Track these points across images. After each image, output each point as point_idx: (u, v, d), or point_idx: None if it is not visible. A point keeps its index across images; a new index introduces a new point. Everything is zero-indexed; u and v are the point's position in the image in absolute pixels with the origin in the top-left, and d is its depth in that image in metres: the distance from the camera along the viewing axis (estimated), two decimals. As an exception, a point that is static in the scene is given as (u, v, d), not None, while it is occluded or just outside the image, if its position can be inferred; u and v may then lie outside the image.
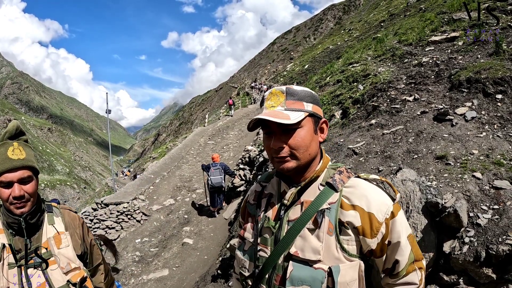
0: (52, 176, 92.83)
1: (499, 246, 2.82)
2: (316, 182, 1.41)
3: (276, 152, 1.34)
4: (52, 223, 2.06)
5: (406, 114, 5.73)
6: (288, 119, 1.28)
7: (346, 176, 1.40)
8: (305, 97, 1.36)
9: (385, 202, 1.32)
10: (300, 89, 1.38)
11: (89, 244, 2.25)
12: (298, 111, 1.33)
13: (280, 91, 1.37)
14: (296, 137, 1.32)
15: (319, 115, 1.39)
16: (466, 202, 3.33)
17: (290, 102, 1.35)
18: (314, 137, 1.37)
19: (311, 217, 1.32)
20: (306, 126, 1.34)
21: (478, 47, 6.90)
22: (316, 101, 1.40)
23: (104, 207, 13.74)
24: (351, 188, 1.35)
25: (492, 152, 4.06)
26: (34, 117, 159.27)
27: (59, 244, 2.01)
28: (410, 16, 18.07)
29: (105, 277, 2.35)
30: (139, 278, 9.27)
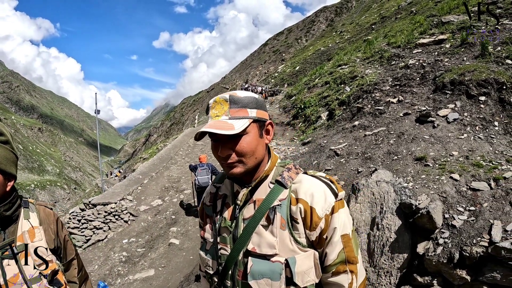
0: (42, 176, 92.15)
1: (473, 247, 2.83)
2: (266, 180, 1.46)
3: (225, 159, 1.39)
4: (28, 218, 2.17)
5: (389, 115, 5.75)
6: (233, 129, 1.31)
7: (294, 172, 1.45)
8: (248, 104, 1.39)
9: (328, 198, 1.37)
10: (244, 96, 1.41)
11: (63, 239, 2.35)
12: (242, 119, 1.36)
13: (224, 99, 1.40)
14: (242, 144, 1.36)
15: (264, 119, 1.43)
16: (442, 204, 3.34)
17: (234, 110, 1.38)
18: (259, 141, 1.42)
19: (264, 214, 1.38)
20: (251, 132, 1.38)
21: (465, 50, 6.94)
22: (260, 105, 1.44)
23: (92, 208, 13.66)
24: (298, 184, 1.40)
25: (472, 154, 4.07)
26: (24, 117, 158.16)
27: (33, 238, 2.11)
28: (401, 19, 18.18)
29: (78, 272, 2.45)
30: (125, 278, 9.22)
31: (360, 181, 3.87)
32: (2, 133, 2.08)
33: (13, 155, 2.12)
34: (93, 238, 12.62)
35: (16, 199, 2.16)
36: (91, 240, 12.58)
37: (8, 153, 2.08)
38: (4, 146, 2.06)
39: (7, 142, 2.08)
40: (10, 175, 2.08)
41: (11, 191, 2.12)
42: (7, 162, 2.06)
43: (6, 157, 2.06)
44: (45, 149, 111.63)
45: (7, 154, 2.07)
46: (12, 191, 2.15)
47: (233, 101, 1.39)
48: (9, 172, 2.07)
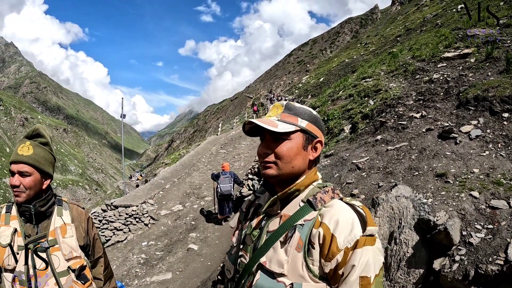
0: (65, 176, 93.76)
1: (489, 265, 2.84)
2: (298, 197, 1.41)
3: (262, 157, 1.43)
4: (61, 215, 2.35)
5: (411, 131, 5.76)
6: (275, 127, 1.35)
7: (329, 196, 1.37)
8: (301, 114, 1.43)
9: (354, 230, 1.23)
10: (299, 106, 1.45)
11: (92, 237, 2.53)
12: (289, 124, 1.39)
13: (281, 104, 1.46)
14: (282, 147, 1.37)
15: (314, 134, 1.42)
16: (460, 221, 3.35)
17: (286, 115, 1.42)
18: (301, 152, 1.40)
19: (285, 231, 1.33)
20: (295, 140, 1.39)
21: (489, 64, 6.90)
22: (314, 120, 1.44)
23: (113, 209, 13.89)
24: (328, 208, 1.31)
25: (493, 171, 4.07)
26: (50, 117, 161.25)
27: (64, 234, 2.30)
28: (426, 31, 18.06)
29: (104, 269, 2.63)
30: (142, 280, 9.36)
31: (380, 195, 3.91)
32: (42, 135, 2.31)
33: (51, 156, 2.33)
34: (113, 239, 12.84)
35: (51, 197, 2.35)
36: (110, 240, 12.80)
37: (47, 154, 2.28)
38: (44, 147, 2.27)
39: (46, 144, 2.30)
40: (47, 174, 2.28)
41: (46, 189, 2.32)
42: (46, 162, 2.26)
43: (45, 158, 2.26)
44: (69, 150, 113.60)
45: (46, 155, 2.27)
46: (48, 189, 2.33)
47: (288, 107, 1.44)
48: (47, 171, 2.27)
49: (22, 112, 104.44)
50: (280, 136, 1.38)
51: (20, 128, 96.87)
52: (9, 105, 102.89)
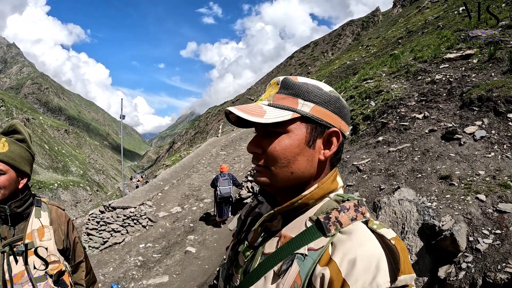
0: (66, 176, 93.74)
1: (498, 274, 2.68)
2: (306, 214, 1.01)
3: (253, 158, 1.06)
4: (39, 217, 2.21)
5: (414, 132, 5.61)
6: (260, 116, 0.95)
7: (349, 216, 0.95)
8: (304, 93, 0.99)
9: (377, 278, 0.81)
10: (302, 82, 1.00)
11: (73, 241, 2.39)
12: (283, 110, 0.98)
13: (276, 82, 1.05)
14: (274, 145, 0.98)
15: (325, 122, 0.99)
16: (467, 226, 3.20)
17: (280, 96, 1.01)
18: (305, 150, 0.98)
19: (282, 259, 0.96)
20: (295, 133, 0.98)
21: (492, 65, 6.77)
22: (325, 101, 1.00)
23: (111, 210, 13.79)
24: (345, 236, 0.91)
25: (499, 174, 3.92)
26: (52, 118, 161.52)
27: (42, 237, 2.16)
28: (427, 33, 17.94)
29: (86, 275, 2.49)
30: (139, 282, 9.24)
31: (382, 199, 3.76)
32: (19, 132, 2.17)
33: (28, 154, 2.19)
34: (111, 241, 12.73)
35: (28, 197, 2.21)
36: (108, 242, 12.69)
37: (23, 151, 2.14)
38: (20, 144, 2.14)
39: (23, 140, 2.17)
40: (23, 173, 2.15)
41: (23, 188, 2.18)
42: (22, 160, 2.11)
43: (21, 155, 2.12)
44: (70, 150, 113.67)
45: (22, 152, 2.14)
46: (25, 189, 2.20)
47: (285, 85, 1.02)
48: (23, 170, 2.13)
49: (24, 112, 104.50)
50: (271, 129, 0.99)
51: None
52: (11, 105, 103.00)
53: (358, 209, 0.97)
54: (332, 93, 1.02)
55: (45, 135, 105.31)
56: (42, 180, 71.86)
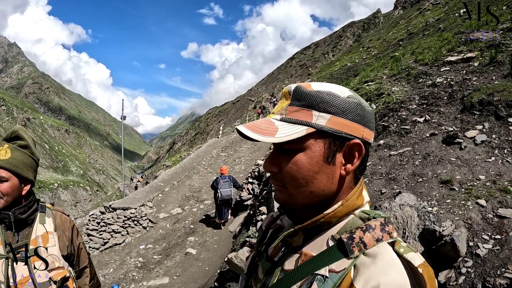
0: (66, 176, 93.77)
1: (497, 279, 2.70)
2: (329, 232, 0.93)
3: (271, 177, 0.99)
4: (43, 223, 2.20)
5: (415, 135, 5.62)
6: (272, 135, 0.87)
7: (375, 236, 0.87)
8: (319, 104, 0.89)
9: None
10: (317, 90, 0.90)
11: (77, 247, 2.37)
12: (296, 125, 0.89)
13: (288, 91, 0.95)
14: (292, 165, 0.90)
15: (345, 133, 0.89)
16: (467, 231, 3.21)
17: (293, 109, 0.91)
18: (324, 167, 0.90)
19: (302, 278, 0.90)
20: (311, 149, 0.89)
21: (493, 68, 6.78)
22: (344, 110, 0.89)
23: (112, 211, 13.78)
24: (369, 259, 0.83)
25: (499, 178, 3.93)
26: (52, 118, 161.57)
27: (46, 243, 2.13)
28: (428, 35, 17.95)
29: (90, 280, 2.48)
30: (139, 284, 9.24)
31: (383, 203, 3.77)
32: (22, 138, 2.15)
33: (31, 160, 2.16)
34: (111, 242, 12.72)
35: (32, 203, 2.19)
36: (108, 243, 12.68)
37: (26, 158, 2.12)
38: (23, 150, 2.11)
39: (26, 146, 2.14)
40: (26, 180, 2.13)
41: (27, 195, 2.17)
42: (24, 166, 2.10)
43: (24, 162, 2.10)
44: (70, 150, 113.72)
45: (25, 158, 2.11)
46: (29, 195, 2.19)
47: (296, 95, 0.92)
48: (25, 176, 2.11)
49: (24, 112, 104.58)
50: (286, 146, 0.91)
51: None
52: (11, 105, 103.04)
53: (384, 228, 0.88)
54: (351, 98, 0.90)
55: (46, 134, 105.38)
56: (42, 179, 71.93)
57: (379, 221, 0.89)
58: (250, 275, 1.14)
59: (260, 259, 1.12)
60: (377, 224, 0.88)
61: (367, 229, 0.88)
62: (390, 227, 0.89)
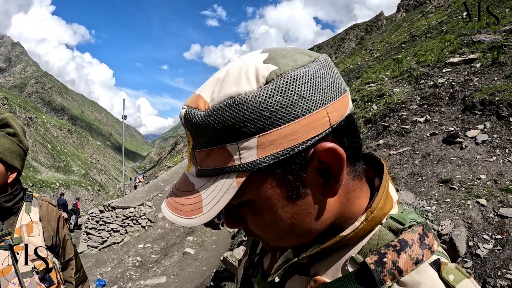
0: (68, 176, 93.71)
1: (498, 280, 2.62)
2: (347, 251, 0.63)
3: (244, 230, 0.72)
4: (29, 212, 2.16)
5: (415, 135, 5.55)
6: (198, 212, 0.58)
7: (413, 257, 0.57)
8: (227, 129, 0.54)
9: None
10: (212, 108, 0.55)
11: (62, 238, 2.33)
12: (220, 176, 0.58)
13: (184, 122, 0.62)
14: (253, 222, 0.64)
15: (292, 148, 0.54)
16: (466, 230, 3.14)
17: (202, 153, 0.59)
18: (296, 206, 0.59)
19: None
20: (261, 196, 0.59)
21: (495, 69, 6.72)
22: (266, 118, 0.53)
23: (111, 210, 13.75)
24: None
25: (501, 178, 3.86)
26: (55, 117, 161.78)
27: (30, 232, 2.10)
28: (431, 37, 17.88)
29: (75, 273, 2.42)
30: (136, 282, 9.20)
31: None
32: (10, 125, 2.12)
33: (19, 148, 2.13)
34: (109, 240, 12.69)
35: (18, 192, 2.15)
36: (107, 242, 12.65)
37: (13, 145, 2.09)
38: (10, 138, 2.08)
39: (14, 134, 2.11)
40: (12, 167, 2.09)
41: (13, 183, 2.12)
42: (11, 154, 2.06)
43: (11, 149, 2.07)
44: (72, 150, 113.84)
45: (13, 146, 2.08)
46: (15, 183, 2.14)
47: (192, 130, 0.59)
48: (11, 164, 2.07)
49: (27, 111, 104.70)
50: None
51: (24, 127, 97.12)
52: (14, 104, 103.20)
53: (424, 242, 0.59)
54: (273, 80, 0.53)
55: (48, 134, 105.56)
56: (44, 179, 71.97)
57: (417, 232, 0.59)
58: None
59: (255, 275, 0.83)
60: (414, 238, 0.59)
61: (402, 247, 0.58)
62: (430, 238, 0.60)
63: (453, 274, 0.55)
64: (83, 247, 12.69)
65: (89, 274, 9.68)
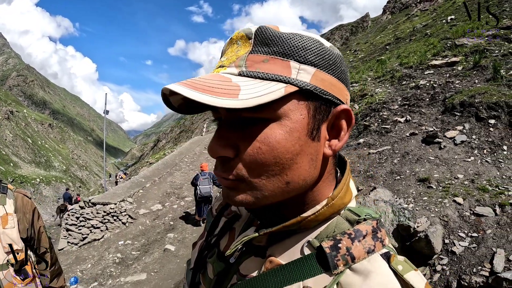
0: (49, 172, 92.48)
1: (473, 277, 2.67)
2: (305, 235, 0.66)
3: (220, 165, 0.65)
4: (3, 204, 2.15)
5: (395, 135, 5.62)
6: (232, 96, 0.54)
7: (366, 246, 0.61)
8: (298, 50, 0.59)
9: None
10: (292, 33, 0.60)
11: (37, 230, 2.33)
12: (269, 81, 0.58)
13: (245, 34, 0.62)
14: (259, 143, 0.59)
15: (332, 96, 0.62)
16: (443, 228, 3.18)
17: (258, 58, 0.59)
18: (306, 145, 0.61)
19: None
20: (290, 117, 0.59)
21: (477, 72, 6.83)
22: (328, 62, 0.61)
23: (91, 206, 13.58)
24: (359, 277, 0.58)
25: (478, 178, 3.92)
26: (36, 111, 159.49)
27: (5, 224, 2.09)
28: (415, 40, 18.09)
29: (51, 266, 2.43)
30: (117, 279, 9.11)
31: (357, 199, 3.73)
32: None
33: None
34: (90, 237, 12.54)
35: None
36: (87, 238, 12.50)
37: None
38: None
39: None
40: None
41: None
42: None
43: None
44: (53, 145, 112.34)
45: None
46: None
47: (262, 39, 0.60)
48: None
49: (8, 105, 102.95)
50: (247, 114, 0.59)
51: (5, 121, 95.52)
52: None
53: (376, 235, 0.63)
54: (334, 49, 0.65)
55: (29, 128, 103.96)
56: (24, 174, 70.96)
57: (371, 225, 0.64)
58: (198, 270, 0.88)
59: (211, 255, 0.84)
60: (368, 230, 0.63)
61: (357, 236, 0.62)
62: (382, 232, 0.64)
63: (402, 265, 0.59)
64: (63, 244, 12.53)
65: (69, 271, 9.58)
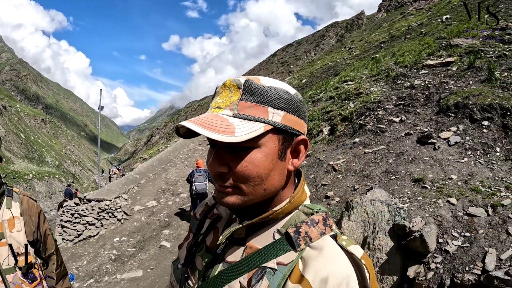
0: (42, 167, 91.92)
1: (465, 275, 2.75)
2: (274, 226, 0.95)
3: (216, 178, 0.92)
4: (10, 207, 2.14)
5: (390, 134, 5.70)
6: (231, 133, 0.81)
7: (319, 230, 0.89)
8: (273, 100, 0.86)
9: None
10: (269, 85, 0.87)
11: (43, 233, 2.33)
12: (253, 122, 0.85)
13: (236, 84, 0.89)
14: (246, 163, 0.87)
15: (295, 130, 0.90)
16: (437, 227, 3.27)
17: (246, 104, 0.86)
18: (277, 164, 0.90)
19: (249, 270, 0.89)
20: (267, 146, 0.87)
21: (471, 73, 6.91)
22: (294, 107, 0.90)
23: (86, 203, 13.57)
24: (315, 251, 0.86)
25: (471, 178, 4.01)
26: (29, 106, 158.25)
27: (12, 228, 2.09)
28: (410, 39, 18.18)
29: (57, 267, 2.43)
30: (113, 276, 9.13)
31: (354, 198, 3.82)
32: None
33: None
34: (85, 234, 12.53)
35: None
36: (82, 235, 12.49)
37: None
38: None
39: None
40: None
41: None
42: None
43: None
44: (46, 140, 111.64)
45: None
46: None
47: (249, 90, 0.87)
48: None
49: (0, 100, 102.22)
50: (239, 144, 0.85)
51: None
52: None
53: (326, 222, 0.92)
54: (298, 96, 0.92)
55: (22, 123, 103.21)
56: (17, 170, 70.51)
57: (321, 215, 0.93)
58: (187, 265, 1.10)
59: (199, 250, 1.08)
60: (319, 219, 0.92)
61: (311, 223, 0.91)
62: (330, 221, 0.94)
63: (345, 241, 0.88)
64: (58, 241, 12.53)
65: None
